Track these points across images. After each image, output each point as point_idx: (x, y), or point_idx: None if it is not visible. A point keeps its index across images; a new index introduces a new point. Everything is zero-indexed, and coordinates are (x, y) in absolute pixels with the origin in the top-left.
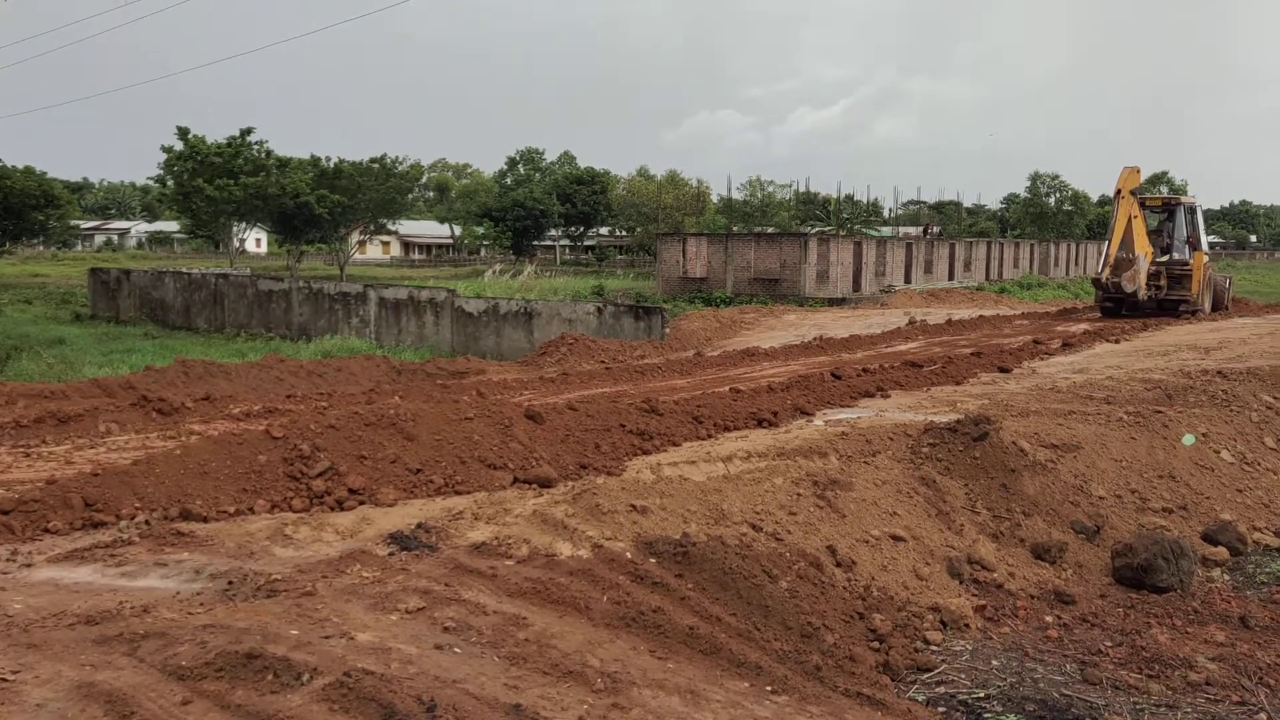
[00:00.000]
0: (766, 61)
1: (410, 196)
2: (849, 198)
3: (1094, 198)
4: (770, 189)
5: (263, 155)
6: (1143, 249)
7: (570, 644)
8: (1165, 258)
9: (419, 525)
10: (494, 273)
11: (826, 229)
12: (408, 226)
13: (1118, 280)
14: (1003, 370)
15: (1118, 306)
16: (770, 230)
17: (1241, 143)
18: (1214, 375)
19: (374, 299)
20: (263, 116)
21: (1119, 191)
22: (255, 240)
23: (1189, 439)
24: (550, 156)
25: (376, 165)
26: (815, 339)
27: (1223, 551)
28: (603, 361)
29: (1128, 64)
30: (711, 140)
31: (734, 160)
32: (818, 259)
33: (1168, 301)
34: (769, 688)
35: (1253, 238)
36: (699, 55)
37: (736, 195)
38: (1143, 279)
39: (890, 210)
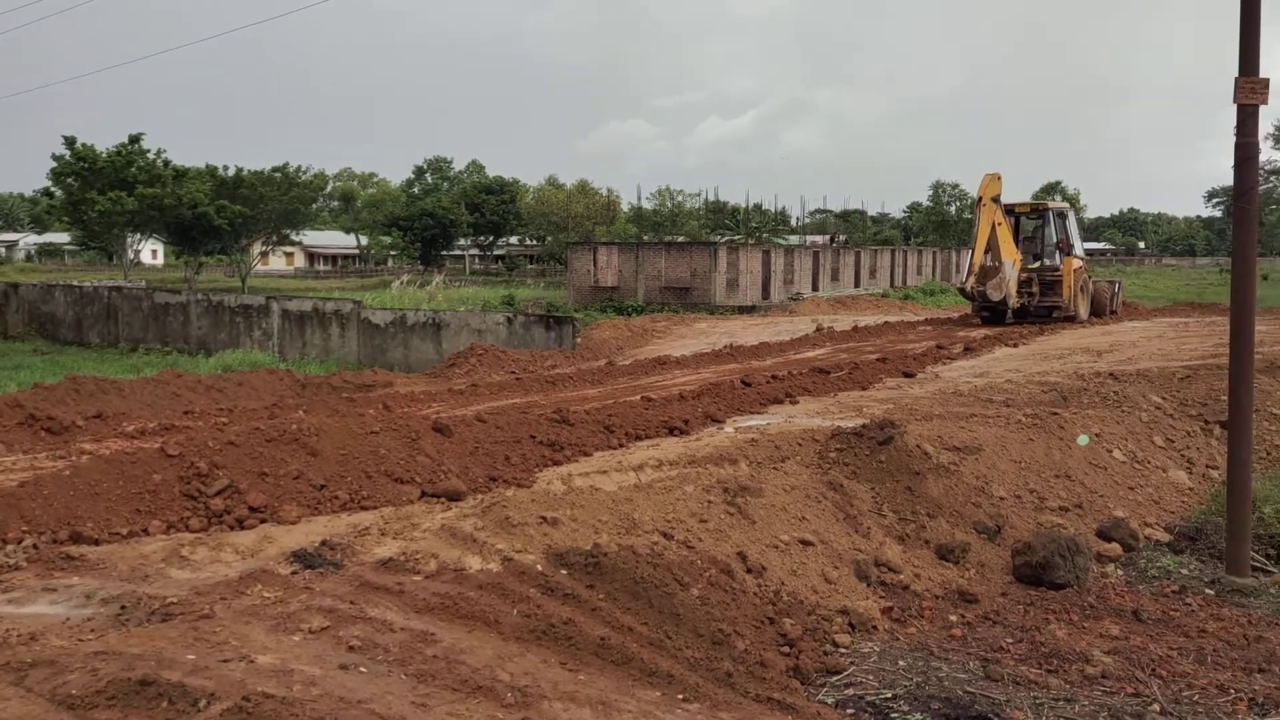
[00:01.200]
0: (674, 72)
1: (314, 206)
2: (757, 207)
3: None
4: (680, 198)
5: (159, 165)
6: (1010, 256)
7: (480, 659)
8: (1037, 264)
9: (323, 542)
10: (402, 283)
11: (736, 238)
12: (312, 237)
13: (983, 289)
14: (907, 375)
15: (995, 315)
16: (681, 239)
17: (1129, 153)
18: (1106, 377)
19: (277, 311)
20: (157, 124)
21: (979, 198)
22: (151, 252)
23: (1083, 439)
24: (458, 165)
25: (279, 174)
26: (726, 347)
27: (1116, 548)
28: (513, 372)
29: (1025, 78)
30: (621, 150)
31: (644, 169)
32: (727, 267)
33: (1041, 308)
34: (681, 696)
35: (1141, 244)
36: (607, 65)
37: (646, 204)
38: (1012, 286)
39: (798, 219)
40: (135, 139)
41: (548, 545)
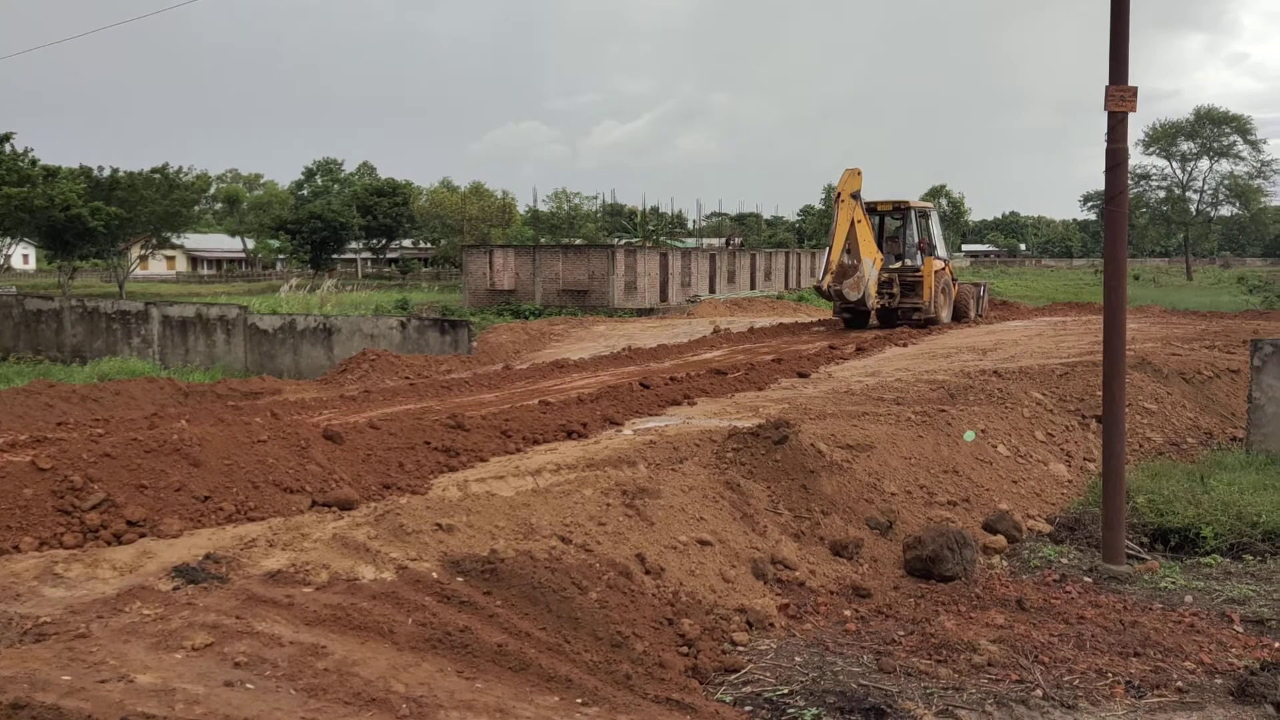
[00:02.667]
0: (570, 74)
1: (197, 209)
2: (654, 209)
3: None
4: (577, 200)
5: (27, 164)
6: (869, 255)
7: (373, 670)
8: (898, 264)
9: (207, 556)
10: (291, 288)
11: (633, 240)
12: (195, 240)
13: (839, 288)
14: (802, 375)
15: (856, 317)
16: (578, 242)
17: (1012, 158)
18: (991, 375)
19: (157, 317)
20: (27, 123)
21: (838, 195)
22: (22, 256)
23: (970, 435)
24: (349, 167)
25: (158, 175)
26: (624, 349)
27: (1001, 540)
28: (407, 377)
29: (915, 84)
30: (517, 152)
31: (541, 172)
32: (625, 270)
33: (901, 310)
34: (580, 700)
35: (1022, 246)
36: (501, 67)
37: (543, 207)
38: (871, 286)
39: (694, 222)
40: (4, 139)
41: (443, 552)
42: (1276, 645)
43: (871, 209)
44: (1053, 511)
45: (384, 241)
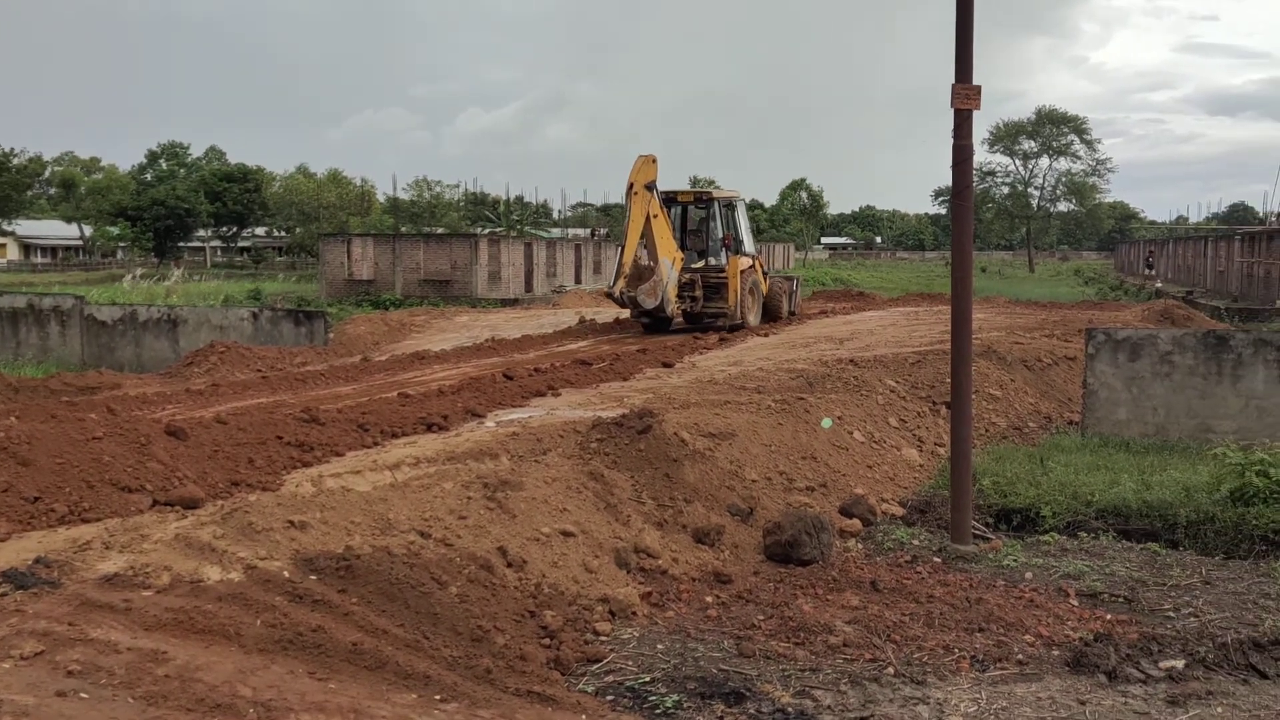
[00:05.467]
0: (432, 61)
1: (29, 193)
2: (519, 199)
3: (746, 200)
4: (439, 189)
5: None
6: (668, 254)
7: (218, 675)
8: (701, 263)
9: (37, 560)
10: (134, 277)
11: (497, 230)
12: (27, 227)
13: (634, 295)
14: (666, 365)
15: (658, 323)
16: (440, 231)
17: (868, 154)
18: (848, 363)
19: None
20: None
21: (631, 186)
22: None
23: (827, 422)
24: (196, 152)
25: None
26: (488, 340)
27: (856, 523)
28: (259, 370)
29: (779, 80)
30: (378, 138)
31: (402, 159)
32: (489, 260)
33: (706, 315)
34: (438, 697)
35: (878, 239)
36: (363, 51)
37: (404, 195)
38: (671, 290)
39: (560, 212)
40: None
41: (296, 550)
42: (1109, 617)
43: (670, 200)
44: (905, 495)
45: (235, 229)
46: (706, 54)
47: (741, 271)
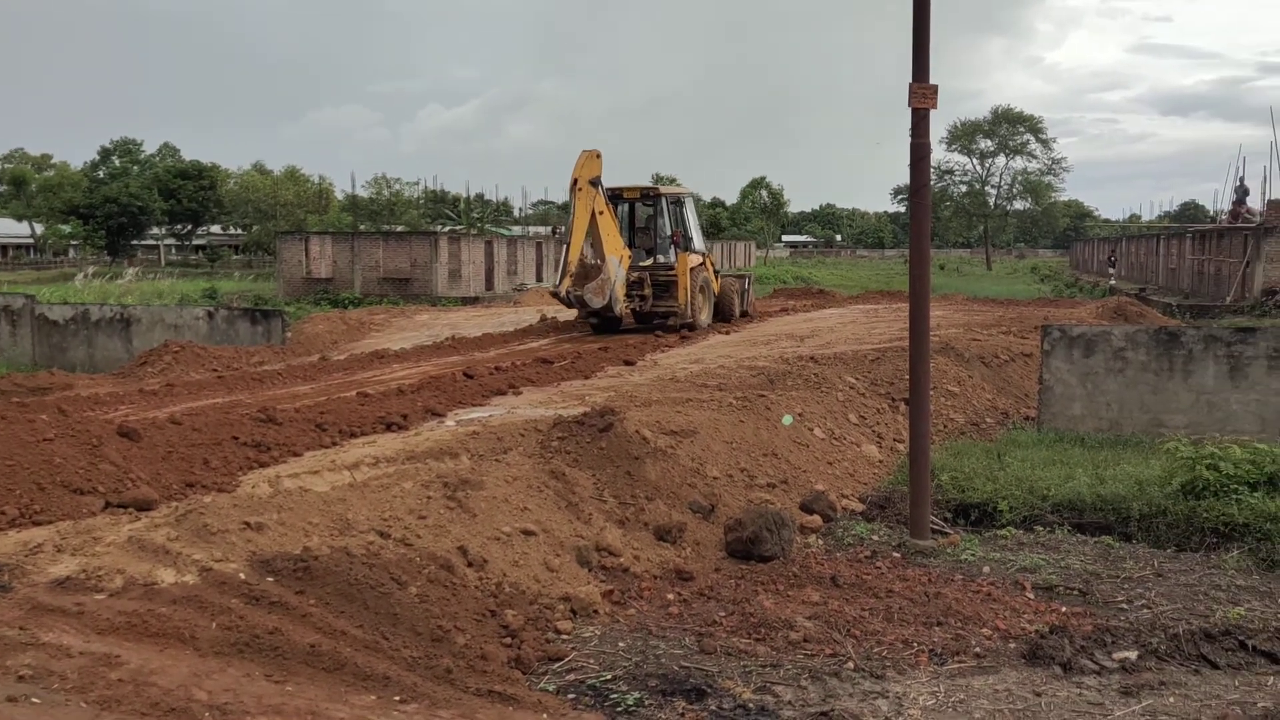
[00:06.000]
0: (392, 58)
1: None
2: (479, 197)
3: (706, 199)
4: (399, 186)
5: None
6: (615, 252)
7: (173, 679)
8: (649, 261)
9: None
10: (86, 276)
11: (458, 228)
12: None
13: (580, 294)
14: (628, 363)
15: (606, 323)
16: (400, 229)
17: (829, 152)
18: (808, 361)
19: None
20: None
21: (575, 182)
22: None
23: (788, 419)
24: (150, 148)
25: None
26: (448, 339)
27: (817, 519)
28: (215, 370)
29: (742, 81)
30: (336, 136)
31: (361, 157)
32: (449, 258)
33: (656, 314)
34: (398, 698)
35: (839, 237)
36: (320, 48)
37: (363, 192)
38: (619, 289)
39: (521, 210)
40: None
41: (252, 552)
42: (1064, 610)
43: (616, 196)
44: (865, 491)
45: (189, 228)
46: (675, 53)
47: (691, 269)
